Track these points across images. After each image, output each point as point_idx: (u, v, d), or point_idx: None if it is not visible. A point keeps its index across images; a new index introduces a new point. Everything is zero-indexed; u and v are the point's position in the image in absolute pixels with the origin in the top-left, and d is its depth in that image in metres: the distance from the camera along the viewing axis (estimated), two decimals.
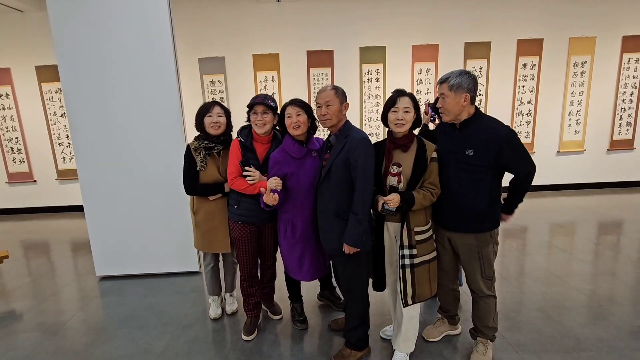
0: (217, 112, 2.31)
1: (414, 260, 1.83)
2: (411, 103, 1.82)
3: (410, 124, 1.84)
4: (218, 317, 2.57)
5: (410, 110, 1.81)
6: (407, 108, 1.80)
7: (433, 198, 1.82)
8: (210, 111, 2.30)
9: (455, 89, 1.78)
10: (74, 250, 4.06)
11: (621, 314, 2.42)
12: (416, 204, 1.77)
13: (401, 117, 1.80)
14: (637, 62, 5.44)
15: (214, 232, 2.40)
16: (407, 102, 1.81)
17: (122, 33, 2.94)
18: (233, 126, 2.44)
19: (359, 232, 1.81)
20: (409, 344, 2.01)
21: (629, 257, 3.27)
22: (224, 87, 5.39)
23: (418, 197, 1.78)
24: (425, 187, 1.82)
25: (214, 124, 2.29)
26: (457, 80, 1.78)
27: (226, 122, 2.35)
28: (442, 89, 1.83)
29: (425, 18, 5.29)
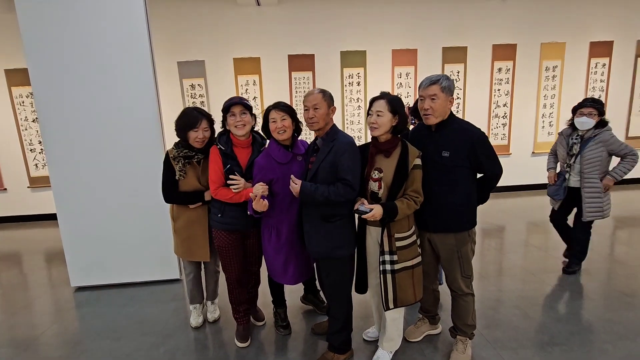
0: (203, 127, 2.19)
1: (394, 266, 1.83)
2: (386, 106, 1.79)
3: (386, 128, 1.81)
4: (199, 325, 2.52)
5: (384, 114, 1.79)
6: (379, 112, 1.79)
7: (417, 206, 1.80)
8: (197, 126, 2.18)
9: (446, 91, 1.83)
10: (47, 261, 3.91)
11: (592, 308, 2.52)
12: (400, 214, 1.75)
13: (374, 121, 1.81)
14: (604, 66, 5.71)
15: (193, 239, 2.35)
16: (380, 105, 1.80)
17: (96, 35, 2.86)
18: (215, 132, 2.34)
19: (311, 191, 1.79)
20: (392, 343, 2.03)
21: (599, 253, 3.41)
22: (204, 91, 5.33)
23: (402, 207, 1.75)
24: (409, 195, 1.79)
25: (199, 140, 2.20)
26: (447, 83, 1.83)
27: (210, 135, 2.26)
28: (432, 90, 1.83)
29: (404, 23, 5.40)
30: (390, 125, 1.81)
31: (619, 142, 2.68)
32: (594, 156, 2.68)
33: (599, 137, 2.68)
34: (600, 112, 2.68)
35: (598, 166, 2.70)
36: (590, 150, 2.68)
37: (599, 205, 2.75)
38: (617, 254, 3.39)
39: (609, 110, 5.81)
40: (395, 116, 1.81)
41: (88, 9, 2.83)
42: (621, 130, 5.92)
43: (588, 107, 2.68)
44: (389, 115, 1.80)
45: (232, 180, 2.03)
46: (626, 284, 2.83)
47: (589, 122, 2.67)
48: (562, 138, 2.90)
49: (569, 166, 2.82)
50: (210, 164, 2.12)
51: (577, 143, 2.75)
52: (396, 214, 1.75)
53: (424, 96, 1.86)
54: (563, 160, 2.88)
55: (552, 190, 2.98)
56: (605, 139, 2.67)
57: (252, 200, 1.90)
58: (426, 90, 1.85)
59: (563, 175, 2.87)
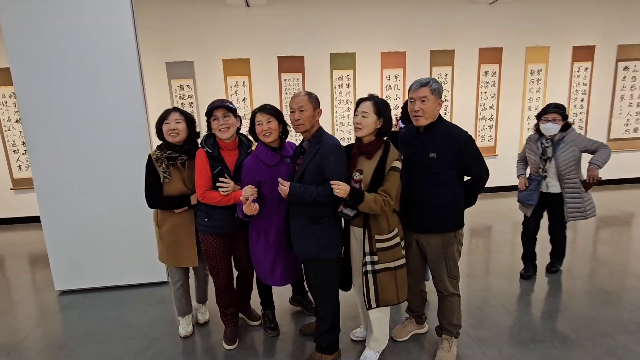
0: (174, 119, 2.17)
1: (375, 267, 1.85)
2: (371, 108, 1.81)
3: (370, 129, 1.83)
4: (189, 334, 2.42)
5: (368, 115, 1.81)
6: (364, 113, 1.82)
7: (384, 206, 1.77)
8: (168, 118, 2.17)
9: (436, 93, 1.87)
10: (30, 264, 3.83)
11: (573, 306, 2.59)
12: (364, 203, 1.74)
13: (358, 121, 1.83)
14: (586, 70, 5.87)
15: (179, 245, 2.28)
16: (366, 106, 1.83)
17: (80, 34, 2.82)
18: (199, 132, 2.31)
19: (299, 192, 1.81)
20: (378, 343, 2.06)
21: (582, 253, 3.50)
22: (193, 91, 5.29)
23: (368, 198, 1.74)
24: (379, 193, 1.79)
25: (171, 132, 2.15)
26: (437, 86, 1.87)
27: (186, 128, 2.21)
28: (423, 92, 1.85)
29: (393, 26, 5.45)
30: (374, 127, 1.83)
31: (587, 139, 2.73)
32: (569, 156, 2.68)
33: (568, 137, 2.70)
34: (564, 116, 2.70)
35: (574, 166, 2.71)
36: (563, 151, 2.69)
37: (581, 206, 2.75)
38: (599, 253, 3.48)
39: (591, 112, 6.01)
40: (380, 119, 1.83)
41: (72, 8, 2.79)
42: (603, 132, 6.09)
43: (552, 113, 2.68)
44: (374, 117, 1.82)
45: (222, 183, 2.02)
46: (607, 281, 2.92)
47: (554, 127, 2.68)
48: (531, 144, 2.86)
49: (544, 171, 2.78)
50: (196, 167, 2.08)
51: (550, 147, 2.74)
52: (360, 202, 1.75)
53: (415, 98, 1.88)
54: (536, 166, 2.83)
55: (525, 196, 2.90)
56: (574, 138, 2.70)
57: (243, 203, 1.89)
58: (417, 92, 1.87)
59: (536, 180, 2.83)
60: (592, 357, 2.05)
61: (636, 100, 6.05)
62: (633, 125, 6.13)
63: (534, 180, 2.84)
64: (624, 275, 3.01)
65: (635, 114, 6.10)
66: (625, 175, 6.27)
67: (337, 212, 1.83)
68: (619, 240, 3.79)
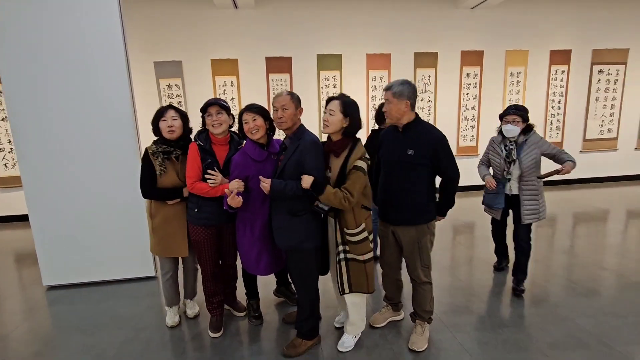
0: (171, 116, 2.31)
1: (347, 255, 1.99)
2: (338, 107, 1.92)
3: (336, 127, 1.93)
4: (175, 324, 2.52)
5: (335, 114, 1.92)
6: (332, 111, 1.94)
7: (343, 202, 1.84)
8: (165, 115, 2.30)
9: (398, 96, 2.00)
10: (17, 262, 3.85)
11: (540, 293, 2.76)
12: (324, 194, 1.85)
13: (325, 119, 1.96)
14: (563, 73, 6.11)
15: (172, 236, 2.38)
16: (333, 105, 1.95)
17: (68, 34, 2.87)
18: (192, 128, 2.44)
19: (280, 189, 1.92)
20: (355, 327, 2.19)
21: (556, 245, 3.69)
22: (181, 91, 5.35)
23: (329, 190, 1.85)
24: (341, 189, 1.88)
25: (169, 128, 2.29)
26: (399, 89, 2.00)
27: (182, 125, 2.35)
28: (387, 95, 2.03)
29: (379, 29, 5.61)
30: (340, 125, 1.94)
31: (549, 143, 2.72)
32: (531, 159, 2.64)
33: (531, 140, 2.66)
34: (524, 118, 2.66)
35: (534, 168, 2.68)
36: (526, 154, 2.64)
37: (536, 208, 2.70)
38: (569, 247, 3.68)
39: (568, 114, 6.26)
40: (347, 118, 1.94)
41: (60, 8, 2.85)
42: (579, 132, 6.35)
43: (511, 115, 2.65)
44: (340, 115, 1.93)
45: (210, 175, 2.13)
46: (572, 271, 3.10)
47: (514, 129, 2.63)
48: (495, 146, 2.78)
49: (509, 173, 2.69)
50: (188, 158, 2.20)
51: (514, 149, 2.67)
52: (321, 193, 1.86)
53: (385, 99, 2.06)
54: (500, 168, 2.73)
55: (491, 199, 2.82)
56: (536, 141, 2.66)
57: (228, 196, 2.00)
58: (384, 95, 2.07)
59: (502, 183, 2.74)
60: (553, 339, 2.21)
61: (610, 102, 6.32)
62: (607, 126, 6.41)
63: (499, 183, 2.76)
64: (590, 266, 3.20)
65: (610, 115, 6.37)
66: (599, 174, 6.55)
67: (313, 207, 1.95)
68: (590, 235, 4.00)
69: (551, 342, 2.18)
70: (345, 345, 2.17)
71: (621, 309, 2.51)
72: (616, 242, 3.74)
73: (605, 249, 3.58)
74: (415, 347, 2.14)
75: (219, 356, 2.19)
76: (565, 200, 5.43)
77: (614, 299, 2.64)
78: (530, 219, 2.70)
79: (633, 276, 2.98)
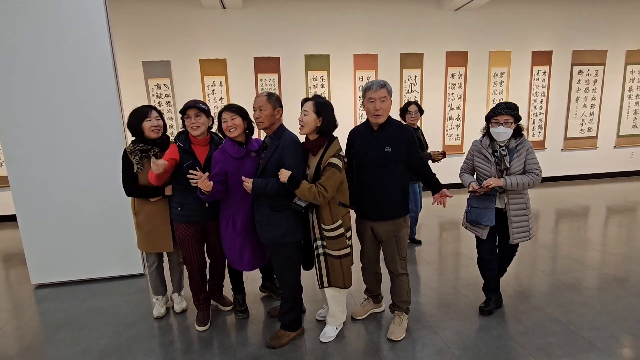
0: (155, 116, 2.42)
1: (325, 250, 2.09)
2: (312, 107, 2.01)
3: (311, 127, 2.01)
4: (162, 315, 2.63)
5: (309, 114, 2.01)
6: (305, 111, 2.03)
7: (318, 197, 1.93)
8: (149, 115, 2.40)
9: (391, 94, 2.12)
10: (4, 261, 3.85)
11: (516, 286, 2.89)
12: (299, 188, 1.93)
13: (300, 119, 2.04)
14: (545, 73, 6.29)
15: (156, 232, 2.48)
16: (307, 106, 2.03)
17: (55, 33, 2.91)
18: (167, 127, 2.56)
19: (262, 187, 1.99)
20: (335, 319, 2.28)
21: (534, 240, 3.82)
22: (170, 90, 5.38)
23: (304, 185, 1.93)
24: (316, 184, 1.96)
25: (155, 128, 2.39)
26: (391, 87, 2.13)
27: (164, 124, 2.48)
28: (382, 92, 2.07)
29: (365, 30, 5.71)
30: (314, 125, 2.02)
31: (534, 155, 2.32)
32: (520, 169, 2.27)
33: (523, 148, 2.27)
34: (516, 118, 2.24)
35: None
36: (516, 161, 2.26)
37: (527, 225, 2.33)
38: (547, 241, 3.82)
39: (549, 113, 6.43)
40: (319, 118, 2.02)
41: (44, 8, 2.88)
42: (560, 131, 6.54)
43: (503, 115, 2.21)
44: (314, 115, 2.01)
45: (192, 174, 2.18)
46: (548, 265, 3.24)
47: (506, 131, 2.21)
48: (484, 150, 2.33)
49: None
50: (164, 157, 2.25)
51: (506, 155, 2.27)
52: (296, 187, 1.94)
53: (375, 98, 2.07)
54: (489, 177, 2.29)
55: (480, 215, 2.31)
56: (527, 147, 2.28)
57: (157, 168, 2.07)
58: (377, 92, 2.07)
59: (493, 196, 2.30)
60: (524, 327, 2.33)
61: (590, 102, 6.53)
62: (587, 125, 6.61)
63: (491, 196, 2.30)
64: (565, 259, 3.35)
65: (590, 114, 6.58)
66: (580, 172, 6.76)
67: (291, 204, 2.04)
68: (569, 230, 4.15)
69: (522, 330, 2.30)
70: (326, 335, 2.26)
71: (591, 298, 2.64)
72: (593, 237, 3.89)
73: (583, 243, 3.73)
74: (394, 337, 2.24)
75: (205, 348, 2.26)
76: (547, 197, 5.61)
77: (585, 290, 2.78)
78: (520, 237, 2.31)
79: (606, 269, 3.12)
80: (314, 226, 2.09)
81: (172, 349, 2.26)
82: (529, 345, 2.14)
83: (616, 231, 4.06)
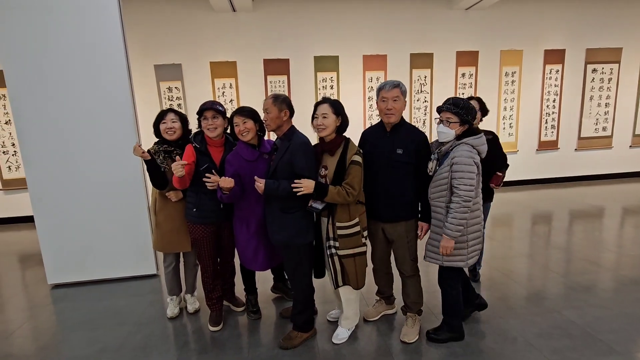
0: (170, 119, 2.44)
1: (338, 251, 2.08)
2: (330, 109, 2.02)
3: (332, 128, 2.04)
4: (175, 316, 2.65)
5: (329, 116, 2.02)
6: (325, 114, 2.02)
7: (348, 197, 1.95)
8: (164, 118, 2.44)
9: (404, 94, 2.10)
10: (22, 262, 3.94)
11: (530, 288, 2.84)
12: (328, 195, 1.94)
13: (320, 123, 2.04)
14: (557, 72, 6.19)
15: (175, 232, 2.51)
16: (324, 108, 2.04)
17: (71, 38, 2.97)
18: (192, 130, 2.56)
19: (274, 188, 1.99)
20: (349, 321, 2.28)
21: (547, 242, 3.77)
22: (181, 93, 5.45)
23: (332, 190, 1.94)
24: (343, 185, 1.97)
25: (169, 130, 2.43)
26: (405, 88, 2.10)
27: (181, 127, 2.48)
28: (395, 92, 2.05)
29: (375, 30, 5.70)
30: (334, 125, 2.04)
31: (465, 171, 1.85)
32: (444, 182, 1.97)
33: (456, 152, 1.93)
34: (462, 118, 1.90)
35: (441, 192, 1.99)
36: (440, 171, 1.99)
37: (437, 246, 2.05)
38: (561, 242, 3.75)
39: (562, 112, 6.32)
40: (339, 117, 2.04)
41: (62, 14, 2.94)
42: (574, 131, 6.42)
43: (445, 112, 1.95)
44: (333, 116, 2.03)
45: (207, 178, 2.21)
46: (563, 266, 3.18)
47: (445, 132, 1.96)
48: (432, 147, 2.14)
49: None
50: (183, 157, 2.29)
51: (437, 159, 2.03)
52: (325, 195, 1.95)
53: (387, 98, 2.07)
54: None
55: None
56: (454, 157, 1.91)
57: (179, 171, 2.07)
58: (390, 92, 2.06)
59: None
60: (539, 329, 2.29)
61: (605, 100, 6.40)
62: (602, 124, 6.48)
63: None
64: (581, 261, 3.28)
65: (604, 113, 6.45)
66: (594, 172, 6.63)
67: (307, 207, 2.04)
68: (584, 231, 4.07)
69: (537, 332, 2.26)
70: (339, 337, 2.26)
71: (607, 301, 2.59)
72: (609, 238, 3.81)
73: (598, 244, 3.66)
74: (407, 339, 2.22)
75: (219, 348, 2.28)
76: (560, 198, 5.51)
77: (601, 292, 2.72)
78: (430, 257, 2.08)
79: (622, 270, 3.06)
80: (327, 226, 2.08)
81: (186, 349, 2.28)
82: (545, 348, 2.11)
83: (632, 232, 3.97)
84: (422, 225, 2.18)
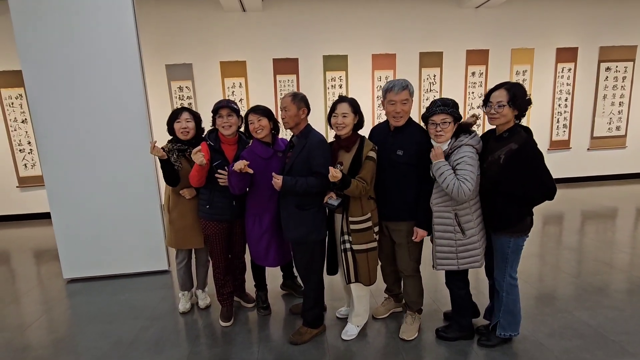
0: (185, 118, 2.48)
1: (351, 246, 2.09)
2: (349, 108, 2.05)
3: (351, 126, 2.07)
4: (187, 311, 2.71)
5: (348, 115, 2.04)
6: (345, 113, 2.05)
7: (363, 191, 1.99)
8: (179, 117, 2.48)
9: (412, 95, 2.07)
10: (37, 257, 4.04)
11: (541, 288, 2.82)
12: (350, 187, 1.96)
13: (340, 122, 2.05)
14: (570, 71, 6.11)
15: (188, 229, 2.56)
16: (344, 107, 2.05)
17: (87, 38, 3.04)
18: (204, 129, 2.60)
19: (291, 185, 2.02)
20: (359, 319, 2.30)
21: (559, 242, 3.73)
22: (192, 92, 5.52)
23: (353, 182, 1.97)
24: (357, 178, 2.00)
25: (183, 130, 2.46)
26: (412, 88, 2.07)
27: (195, 126, 2.52)
28: (404, 95, 2.01)
29: (384, 29, 5.69)
30: (353, 123, 2.08)
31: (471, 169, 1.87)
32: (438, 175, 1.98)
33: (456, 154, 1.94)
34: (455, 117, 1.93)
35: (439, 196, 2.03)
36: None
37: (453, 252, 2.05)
38: (570, 244, 3.71)
39: (575, 112, 6.23)
40: (356, 115, 2.08)
41: (79, 14, 3.02)
42: (586, 130, 6.33)
43: (440, 114, 1.90)
44: (352, 115, 2.06)
45: (220, 174, 2.25)
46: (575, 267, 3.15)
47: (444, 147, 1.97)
48: None
49: None
50: None
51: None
52: (348, 186, 1.96)
53: (396, 100, 2.02)
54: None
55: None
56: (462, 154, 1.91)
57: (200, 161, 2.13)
58: (399, 95, 2.01)
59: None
60: (550, 329, 2.28)
61: (618, 99, 6.29)
62: (615, 123, 6.37)
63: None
64: (592, 262, 3.24)
65: (618, 112, 6.34)
66: (607, 172, 6.52)
67: (323, 203, 2.07)
68: (597, 232, 4.02)
69: (548, 332, 2.25)
70: (348, 333, 2.28)
71: (620, 302, 2.56)
72: (622, 239, 3.75)
73: (611, 245, 3.60)
74: (405, 336, 2.23)
75: (229, 343, 2.31)
76: (572, 198, 5.44)
77: (614, 293, 2.69)
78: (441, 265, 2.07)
79: (636, 271, 3.01)
80: (342, 221, 2.10)
81: (197, 343, 2.33)
82: (556, 348, 2.10)
83: None
84: (417, 231, 2.09)
